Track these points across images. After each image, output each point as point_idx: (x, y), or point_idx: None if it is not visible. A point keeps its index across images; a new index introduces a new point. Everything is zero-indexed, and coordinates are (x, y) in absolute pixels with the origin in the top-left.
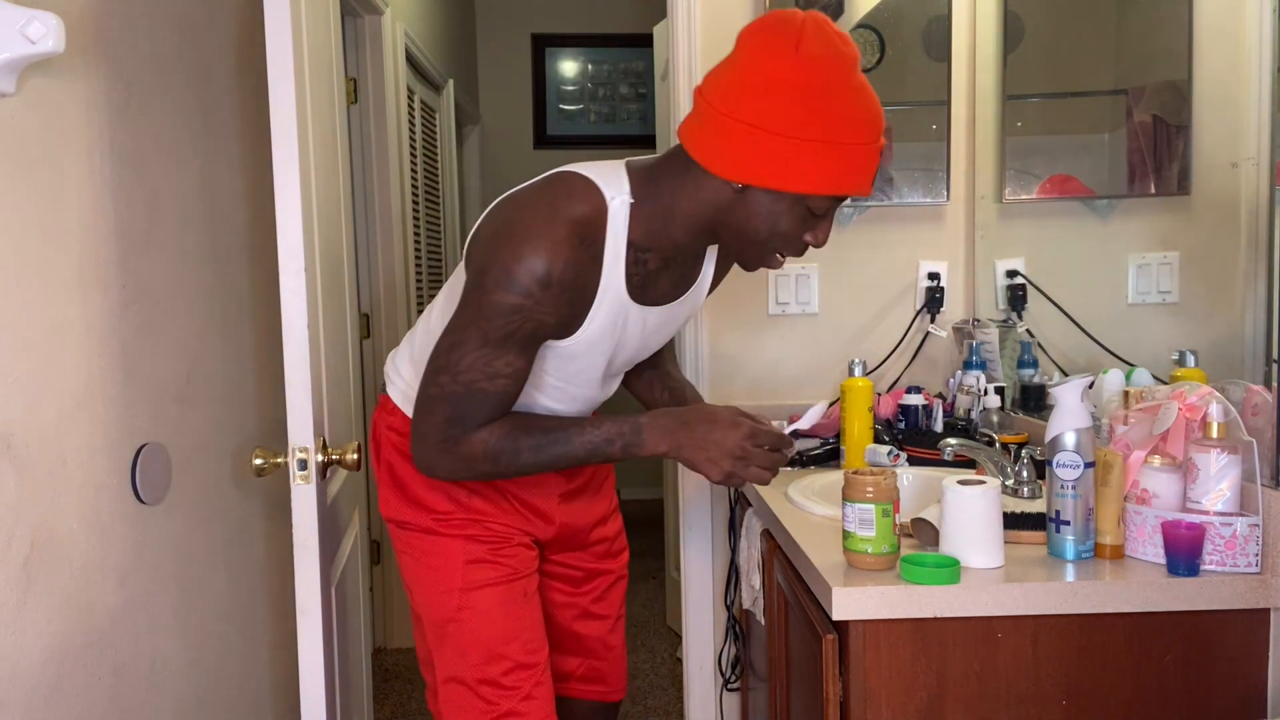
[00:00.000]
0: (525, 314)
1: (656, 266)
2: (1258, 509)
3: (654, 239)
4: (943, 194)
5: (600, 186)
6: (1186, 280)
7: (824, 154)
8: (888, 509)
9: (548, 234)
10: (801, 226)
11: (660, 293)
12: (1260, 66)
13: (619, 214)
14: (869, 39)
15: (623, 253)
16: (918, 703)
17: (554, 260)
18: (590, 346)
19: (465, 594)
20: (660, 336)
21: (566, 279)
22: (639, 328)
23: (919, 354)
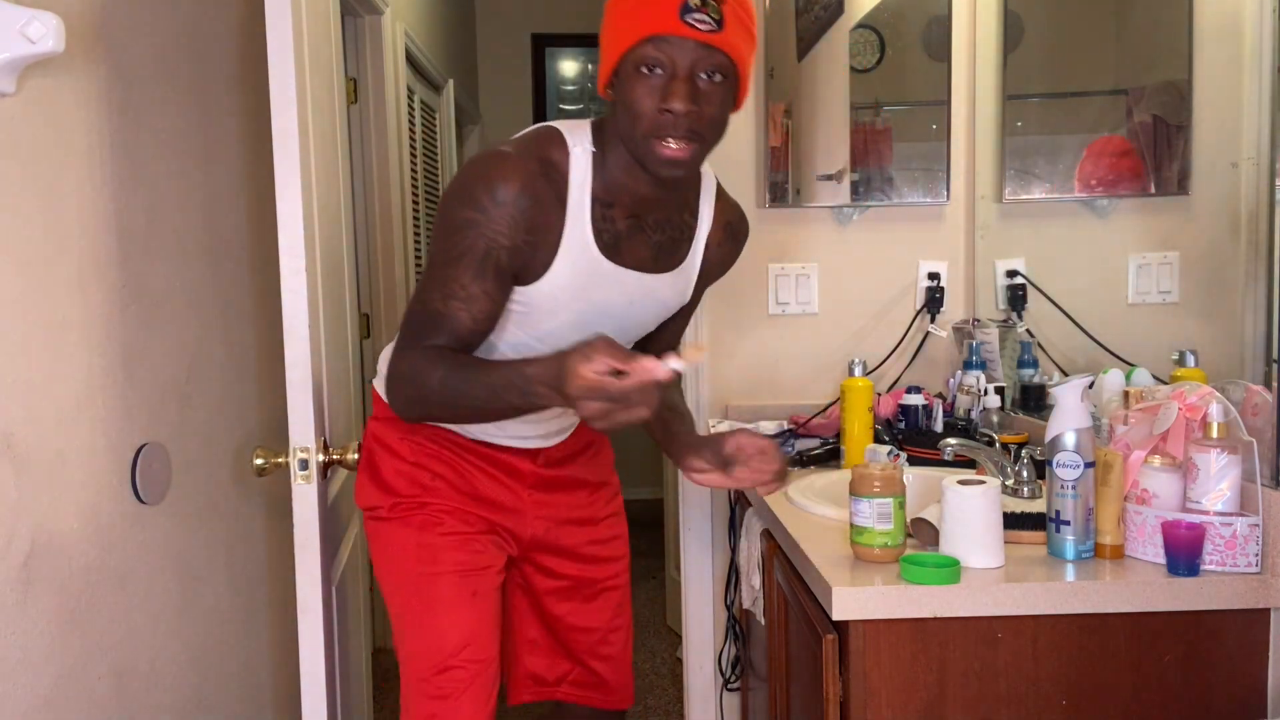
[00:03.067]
0: (478, 229)
1: (626, 226)
2: (1258, 509)
3: (615, 190)
4: (943, 194)
5: (565, 136)
6: (1186, 280)
7: (618, 7)
8: (902, 501)
9: (508, 158)
10: (653, 97)
11: (638, 256)
12: (1260, 66)
13: (581, 162)
14: (869, 39)
15: (587, 204)
16: (918, 703)
17: (509, 178)
18: (560, 300)
19: (414, 583)
20: (645, 312)
21: (523, 203)
22: (618, 292)
23: (919, 354)
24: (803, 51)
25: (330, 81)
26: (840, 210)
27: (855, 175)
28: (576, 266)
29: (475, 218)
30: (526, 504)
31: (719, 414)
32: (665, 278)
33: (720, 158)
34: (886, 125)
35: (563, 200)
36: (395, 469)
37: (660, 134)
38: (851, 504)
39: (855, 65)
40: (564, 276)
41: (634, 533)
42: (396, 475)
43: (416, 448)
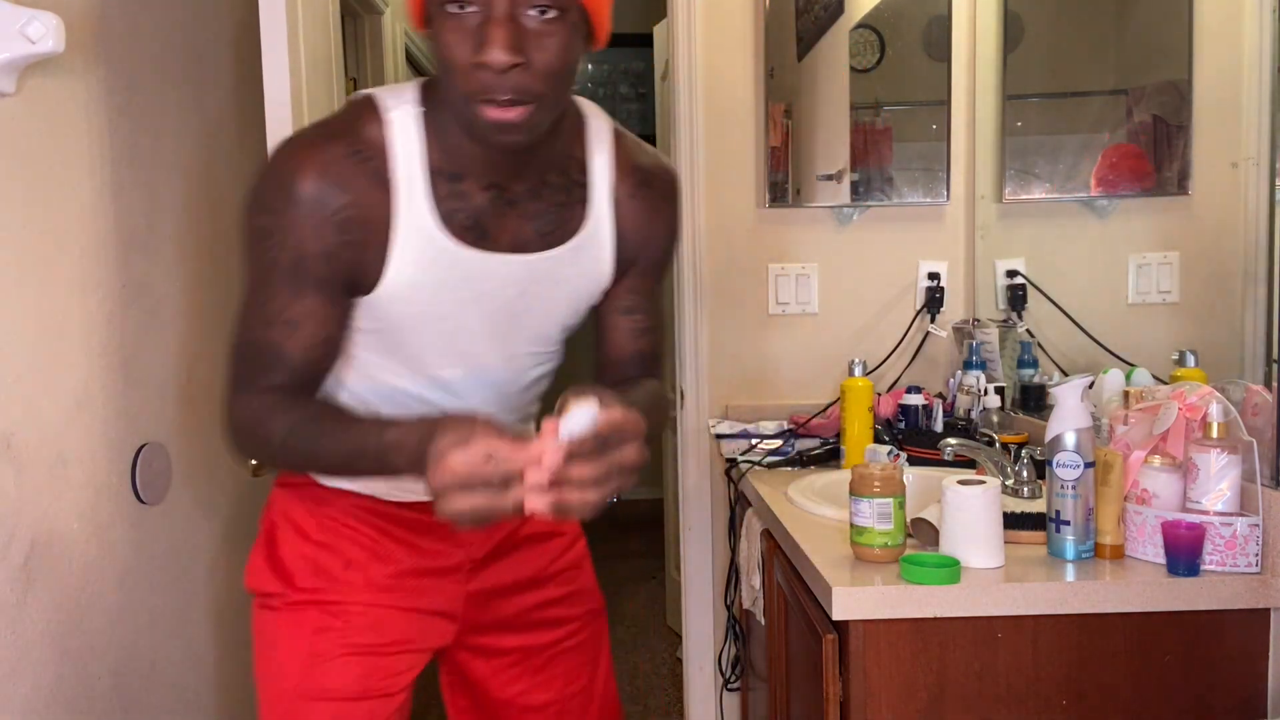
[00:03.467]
0: (276, 238)
1: (487, 200)
2: (1258, 509)
3: (460, 158)
4: (943, 194)
5: (379, 100)
6: (1186, 280)
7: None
8: (902, 501)
9: (298, 144)
10: (465, 46)
11: (515, 235)
12: (1260, 66)
13: (404, 128)
14: (869, 39)
15: (422, 178)
16: (918, 703)
17: (301, 167)
18: (414, 306)
19: (290, 705)
20: (552, 303)
21: (325, 197)
22: (496, 283)
23: (919, 354)
24: (803, 51)
25: (330, 82)
26: (840, 210)
27: (855, 175)
28: (423, 260)
29: (271, 224)
30: (466, 579)
31: (719, 414)
32: (560, 253)
33: (720, 158)
34: (886, 125)
35: (383, 181)
36: (298, 551)
37: (481, 94)
38: (851, 504)
39: (855, 65)
40: (408, 275)
41: (634, 533)
42: (298, 560)
43: (327, 524)
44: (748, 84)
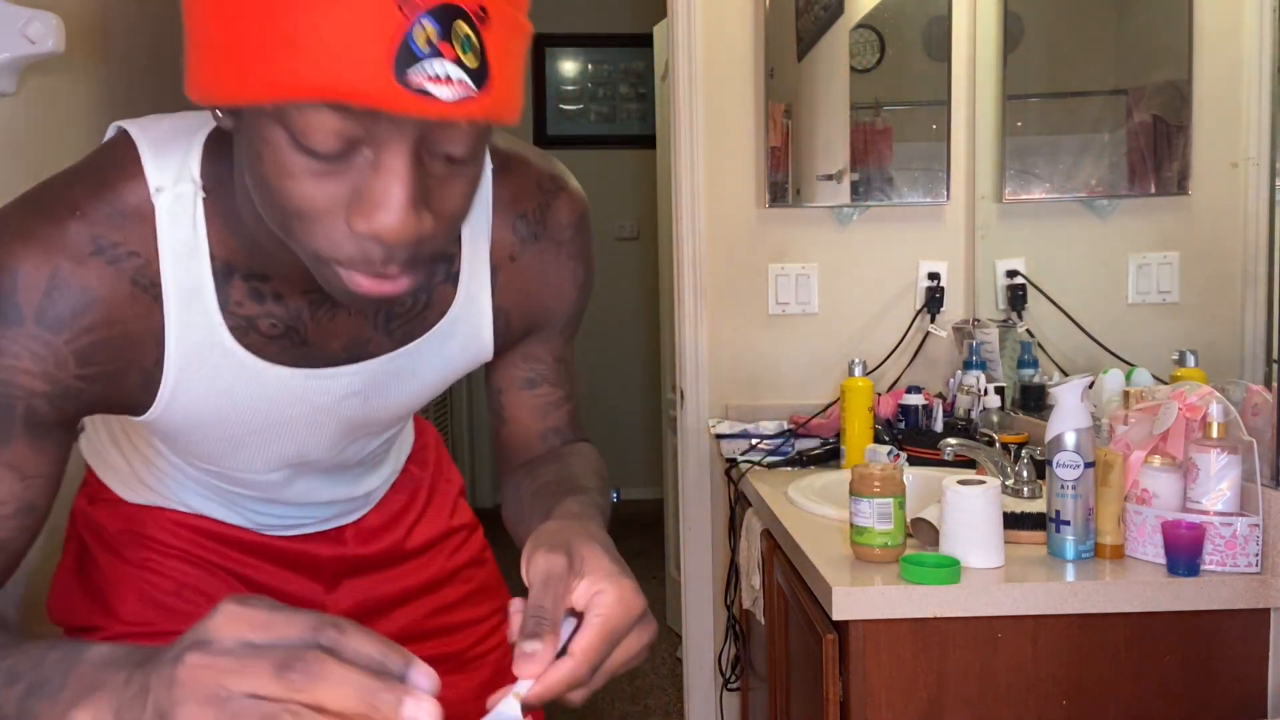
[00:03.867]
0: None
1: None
2: (1258, 509)
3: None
4: (943, 194)
5: (144, 164)
6: (1186, 280)
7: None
8: (902, 501)
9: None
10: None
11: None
12: (1260, 66)
13: (175, 215)
14: (869, 39)
15: (204, 279)
16: (918, 703)
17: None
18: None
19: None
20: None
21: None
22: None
23: (919, 354)
24: (803, 51)
25: None
26: (840, 210)
27: (855, 175)
28: (214, 381)
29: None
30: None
31: (719, 414)
32: (417, 346)
33: (720, 158)
34: (886, 125)
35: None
36: (116, 575)
37: (354, 265)
38: (851, 504)
39: (855, 65)
40: (194, 396)
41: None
42: (118, 587)
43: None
44: (748, 84)
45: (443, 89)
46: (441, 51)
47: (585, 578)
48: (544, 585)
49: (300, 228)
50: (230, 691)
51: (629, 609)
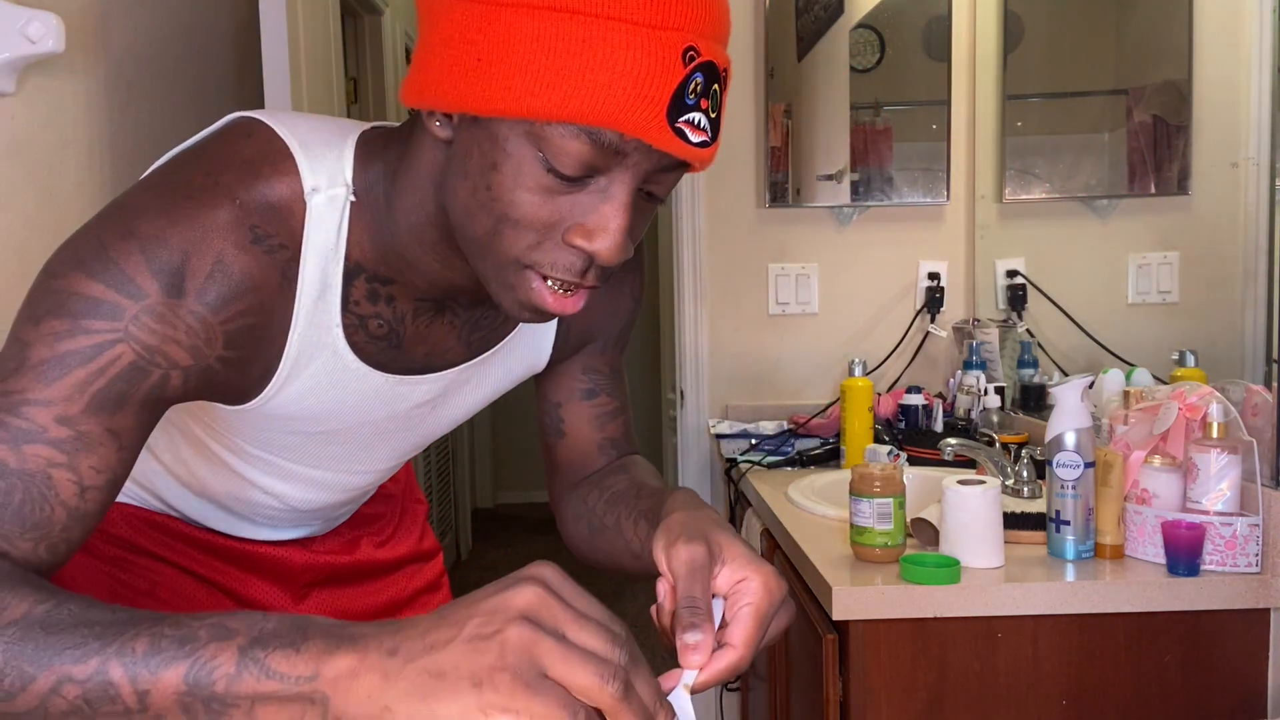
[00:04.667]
0: (121, 327)
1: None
2: (1258, 509)
3: (390, 265)
4: (943, 194)
5: (299, 163)
6: (1186, 280)
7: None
8: (902, 501)
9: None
10: (551, 205)
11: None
12: (1260, 66)
13: (324, 217)
14: (869, 39)
15: (336, 279)
16: (918, 703)
17: (198, 253)
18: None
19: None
20: (457, 411)
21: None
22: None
23: (919, 354)
24: (803, 51)
25: (330, 82)
26: (840, 210)
27: (855, 175)
28: (316, 383)
29: (116, 303)
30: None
31: (719, 414)
32: (486, 358)
33: (720, 158)
34: (886, 125)
35: (291, 280)
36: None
37: (547, 272)
38: (851, 504)
39: (855, 65)
40: (292, 397)
41: None
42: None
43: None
44: (748, 84)
45: (695, 136)
46: (701, 104)
47: (727, 565)
48: (690, 575)
49: (512, 235)
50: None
51: (773, 594)
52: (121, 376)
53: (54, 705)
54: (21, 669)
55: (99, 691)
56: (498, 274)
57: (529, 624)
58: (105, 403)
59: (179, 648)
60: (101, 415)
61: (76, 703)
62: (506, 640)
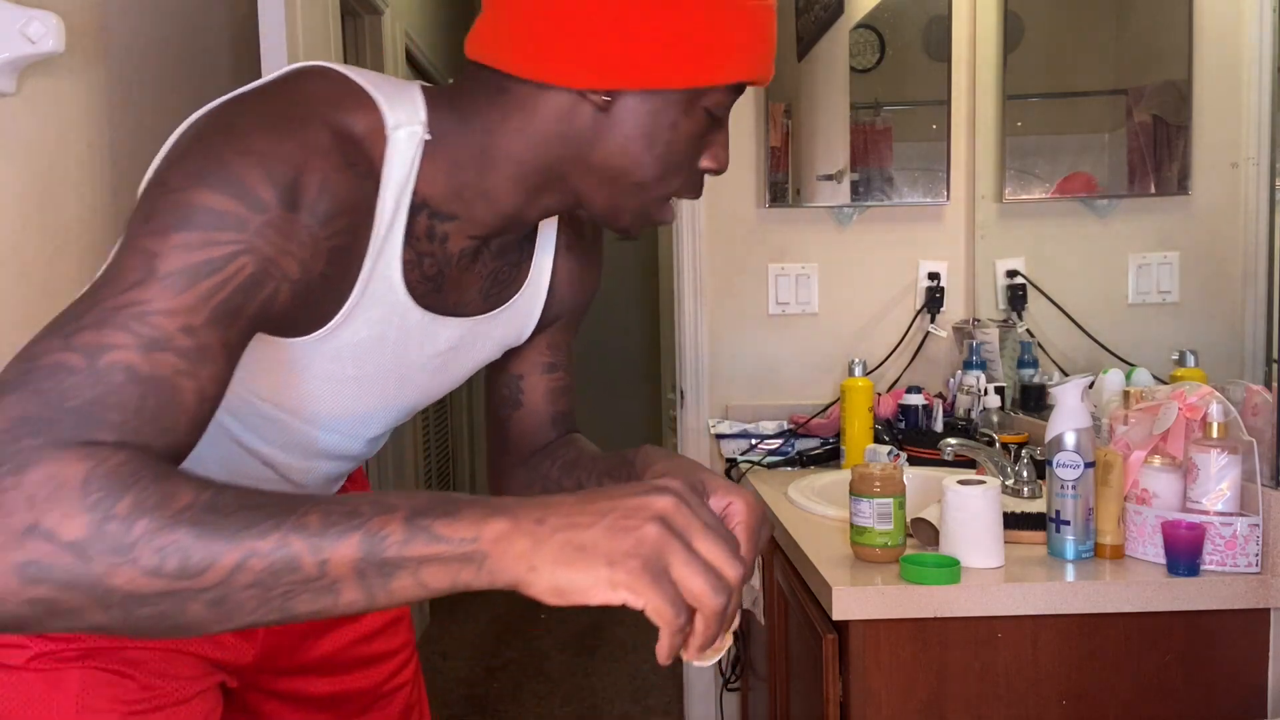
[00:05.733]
0: (246, 239)
1: (461, 252)
2: (1258, 509)
3: (461, 201)
4: (943, 194)
5: (379, 103)
6: (1186, 280)
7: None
8: (901, 501)
9: (300, 131)
10: (698, 146)
11: (460, 293)
12: (1260, 66)
13: (403, 151)
14: (869, 39)
15: (404, 214)
16: (918, 703)
17: (309, 170)
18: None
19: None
20: (460, 369)
21: (327, 209)
22: (426, 350)
23: (919, 354)
24: (803, 51)
25: None
26: (840, 210)
27: (855, 175)
28: (369, 316)
29: (240, 215)
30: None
31: (719, 414)
32: (498, 316)
33: None
34: (886, 125)
35: (371, 209)
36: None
37: (683, 193)
38: (851, 504)
39: (855, 65)
40: (348, 331)
41: None
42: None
43: None
44: None
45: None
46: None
47: (713, 495)
48: None
49: (675, 177)
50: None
51: (757, 512)
52: (242, 288)
53: (237, 580)
54: (208, 547)
55: (282, 563)
56: (642, 205)
57: (664, 526)
58: (224, 314)
59: (349, 520)
60: (219, 328)
61: (261, 575)
62: (644, 535)
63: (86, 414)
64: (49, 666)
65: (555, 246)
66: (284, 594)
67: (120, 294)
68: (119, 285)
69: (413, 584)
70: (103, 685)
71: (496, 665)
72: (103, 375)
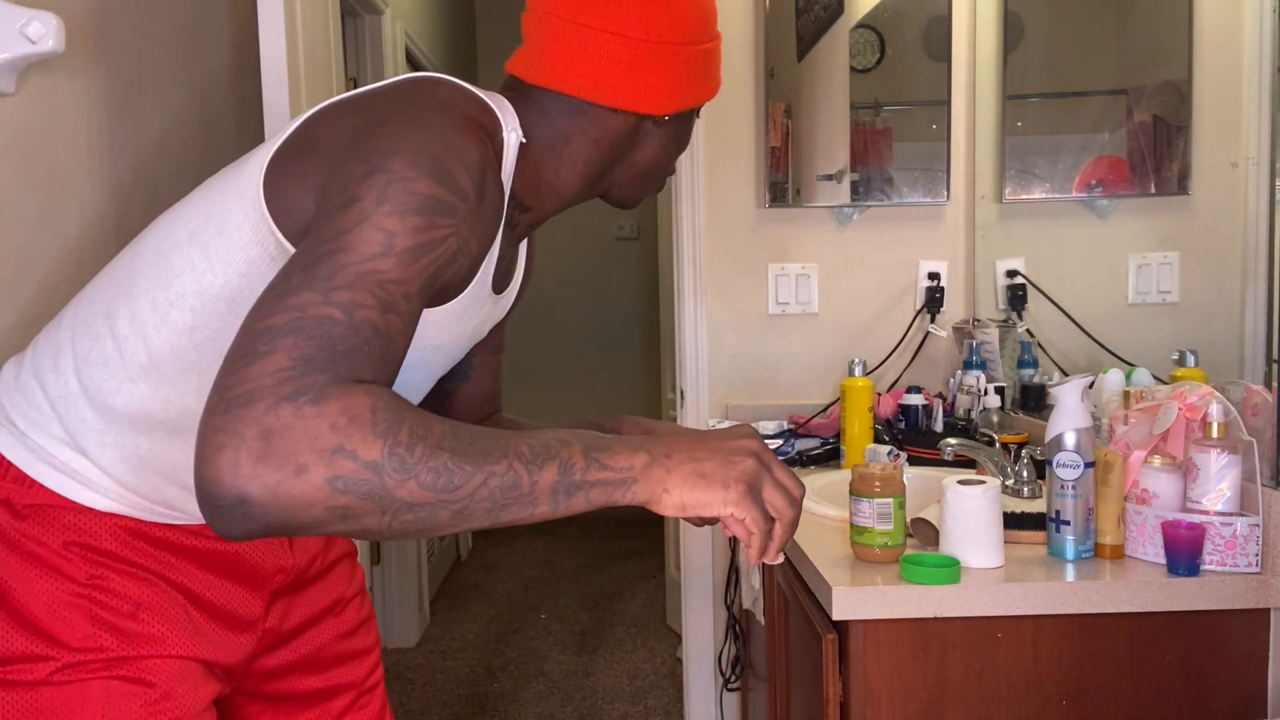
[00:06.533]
0: (455, 224)
1: (518, 236)
2: (1258, 509)
3: (538, 195)
4: (943, 194)
5: (493, 107)
6: (1186, 280)
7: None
8: (902, 501)
9: (472, 131)
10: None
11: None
12: (1260, 66)
13: (511, 150)
14: (869, 39)
15: (504, 209)
16: (918, 703)
17: (485, 164)
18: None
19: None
20: (465, 347)
21: (493, 198)
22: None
23: (919, 354)
24: (803, 51)
25: (330, 82)
26: (840, 210)
27: (855, 175)
28: (477, 293)
29: (452, 204)
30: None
31: (719, 414)
32: (501, 299)
33: (720, 158)
34: (886, 125)
35: (502, 201)
36: (56, 598)
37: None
38: (851, 504)
39: (855, 65)
40: (461, 304)
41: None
42: (61, 610)
43: (89, 555)
44: (748, 84)
45: None
46: None
47: None
48: None
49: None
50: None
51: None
52: (445, 263)
53: (479, 494)
54: (463, 468)
55: (510, 481)
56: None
57: (759, 460)
58: (429, 284)
59: (547, 452)
60: (423, 295)
61: (495, 491)
62: (747, 466)
63: (353, 358)
64: (72, 679)
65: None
66: (503, 505)
67: (365, 261)
68: (363, 253)
69: (583, 500)
70: (128, 696)
71: (496, 665)
72: (359, 328)
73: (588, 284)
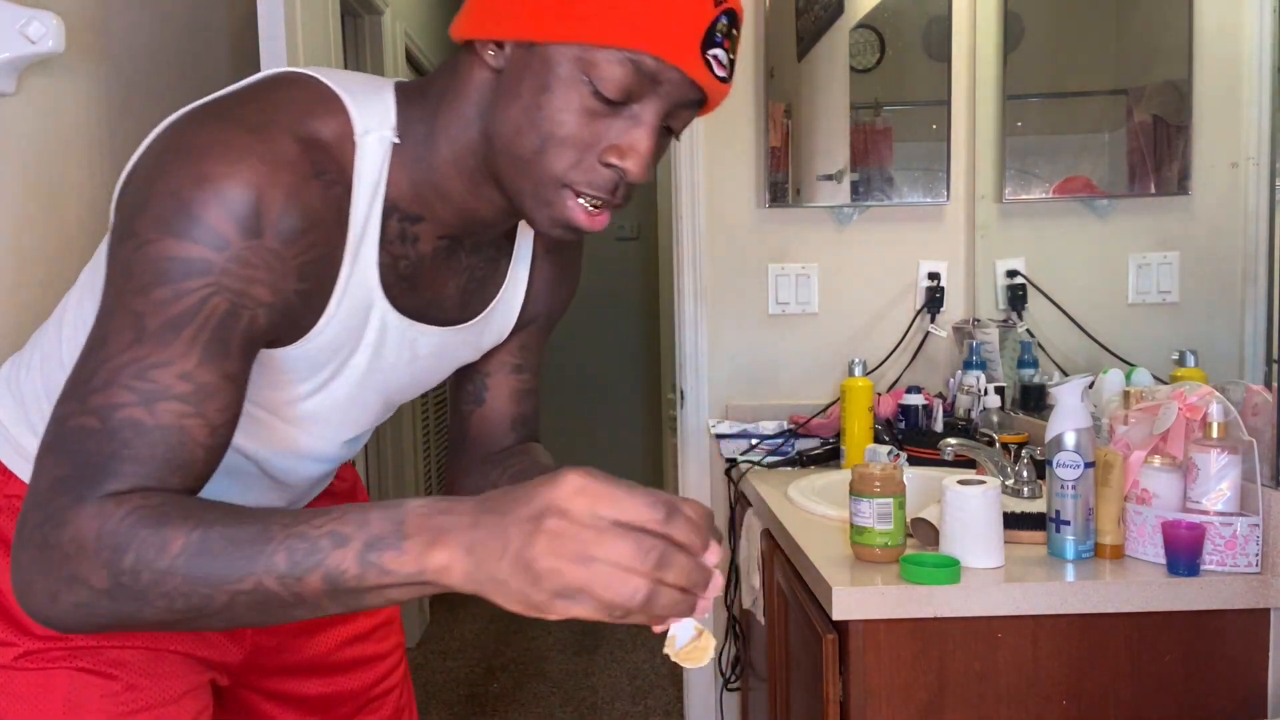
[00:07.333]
0: (214, 280)
1: (434, 251)
2: (1258, 509)
3: (423, 201)
4: (943, 194)
5: (348, 106)
6: (1186, 280)
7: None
8: (902, 501)
9: (258, 146)
10: (591, 127)
11: (439, 300)
12: (1260, 66)
13: (373, 156)
14: (869, 39)
15: (377, 219)
16: (918, 703)
17: (269, 188)
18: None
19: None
20: (433, 375)
21: (293, 226)
22: (401, 358)
23: (919, 354)
24: (803, 51)
25: None
26: (840, 210)
27: (855, 175)
28: (348, 323)
29: (206, 259)
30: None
31: (719, 414)
32: (470, 329)
33: (720, 158)
34: (886, 125)
35: (344, 216)
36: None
37: (583, 189)
38: (851, 504)
39: (855, 65)
40: (327, 338)
41: None
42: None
43: None
44: (748, 84)
45: (719, 70)
46: (725, 44)
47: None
48: None
49: (555, 153)
50: (594, 557)
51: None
52: (221, 324)
53: (236, 605)
54: (198, 590)
55: (263, 596)
56: (537, 191)
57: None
58: (214, 352)
59: (310, 558)
60: (213, 364)
61: (252, 603)
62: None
63: (105, 469)
64: (37, 666)
65: (534, 250)
66: (273, 613)
67: (119, 354)
68: (117, 345)
69: (380, 600)
70: (90, 686)
71: (496, 665)
72: (116, 433)
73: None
